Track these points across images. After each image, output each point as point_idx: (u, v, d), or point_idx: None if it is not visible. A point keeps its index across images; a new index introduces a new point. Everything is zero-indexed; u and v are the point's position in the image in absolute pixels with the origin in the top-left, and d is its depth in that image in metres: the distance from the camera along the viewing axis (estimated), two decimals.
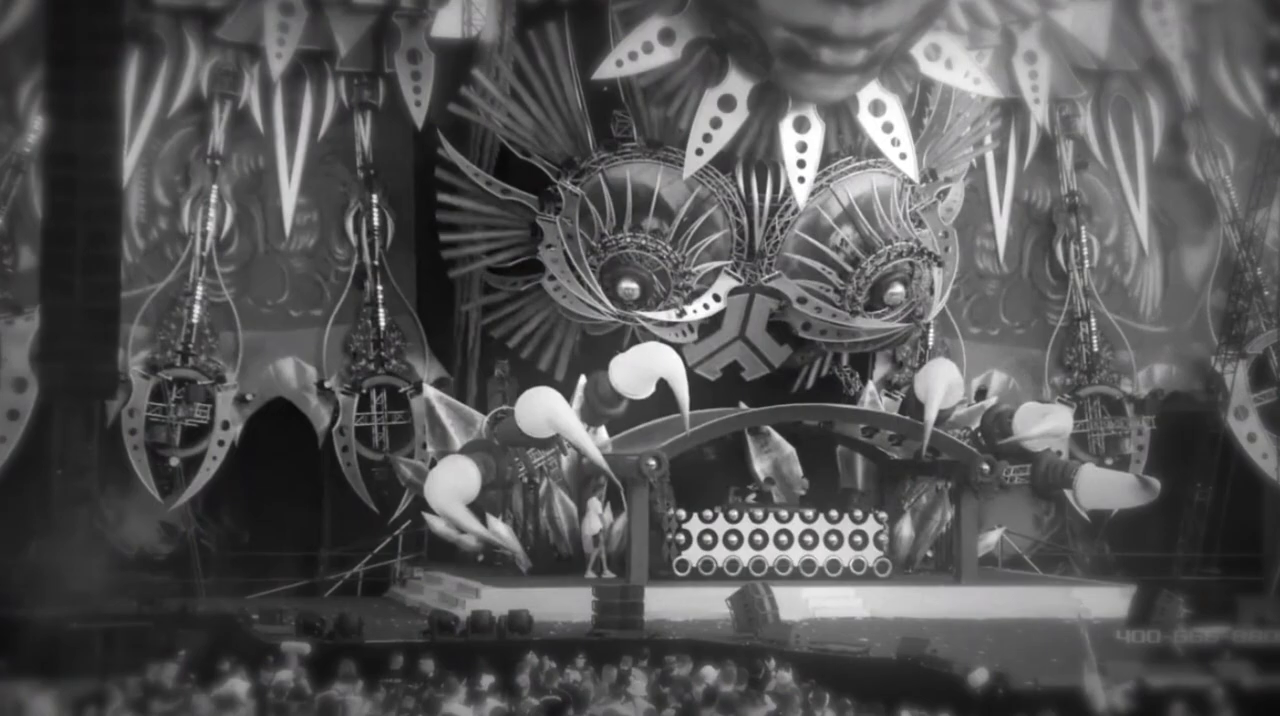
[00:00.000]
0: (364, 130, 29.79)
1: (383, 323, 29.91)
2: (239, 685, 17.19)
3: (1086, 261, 31.78)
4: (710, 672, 18.53)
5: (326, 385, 29.65)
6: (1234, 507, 30.61)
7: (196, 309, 28.76)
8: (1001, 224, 31.58)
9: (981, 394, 30.85)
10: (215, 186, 28.89)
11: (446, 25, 30.46)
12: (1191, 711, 16.13)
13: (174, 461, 28.55)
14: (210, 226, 28.86)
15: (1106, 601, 24.77)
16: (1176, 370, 32.33)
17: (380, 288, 29.94)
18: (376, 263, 29.95)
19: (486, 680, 17.67)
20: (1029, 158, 31.61)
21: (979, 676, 18.12)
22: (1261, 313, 31.69)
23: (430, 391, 29.14)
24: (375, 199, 29.92)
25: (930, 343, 30.74)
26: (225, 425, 28.70)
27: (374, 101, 29.75)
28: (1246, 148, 31.47)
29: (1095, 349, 31.71)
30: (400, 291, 30.32)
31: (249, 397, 29.10)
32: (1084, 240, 31.73)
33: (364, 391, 29.71)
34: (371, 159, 29.88)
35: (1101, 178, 32.12)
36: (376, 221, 29.94)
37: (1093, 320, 31.73)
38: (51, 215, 24.50)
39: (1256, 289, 31.56)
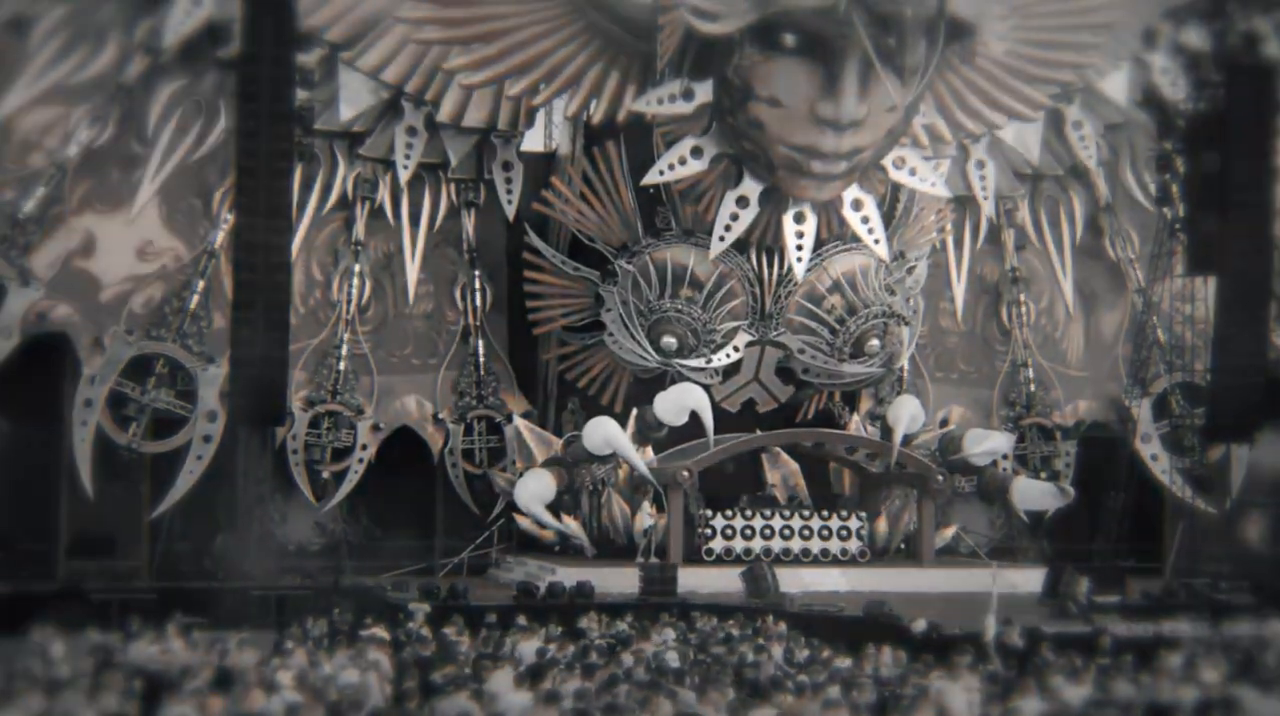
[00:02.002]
0: (468, 222, 29.86)
1: (482, 369, 29.89)
2: (380, 632, 18.00)
3: (1025, 321, 31.93)
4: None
5: (440, 417, 29.54)
6: (1139, 511, 30.27)
7: (342, 359, 28.91)
8: (959, 292, 31.62)
9: (944, 423, 30.67)
10: (357, 266, 29.04)
11: (531, 142, 30.79)
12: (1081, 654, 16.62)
13: (325, 474, 28.55)
14: (353, 295, 29.04)
15: (1032, 579, 25.07)
16: (1096, 405, 32.28)
17: (480, 342, 29.92)
18: (478, 323, 29.93)
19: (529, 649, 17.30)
20: (980, 241, 31.67)
21: (919, 625, 19.27)
22: (1160, 361, 31.46)
23: (519, 421, 29.20)
24: (477, 275, 29.94)
25: (903, 383, 30.51)
26: (364, 447, 28.71)
27: (476, 200, 29.79)
28: (1147, 234, 31.16)
29: (1032, 389, 31.83)
30: (496, 345, 30.20)
31: (381, 426, 29.04)
32: (1023, 305, 31.89)
33: (468, 421, 29.59)
34: (474, 244, 29.95)
35: (1037, 257, 32.13)
36: (478, 292, 29.99)
37: (1030, 367, 31.85)
38: (238, 288, 24.95)
39: (1156, 343, 31.38)
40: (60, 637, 17.09)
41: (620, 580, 24.53)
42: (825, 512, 27.98)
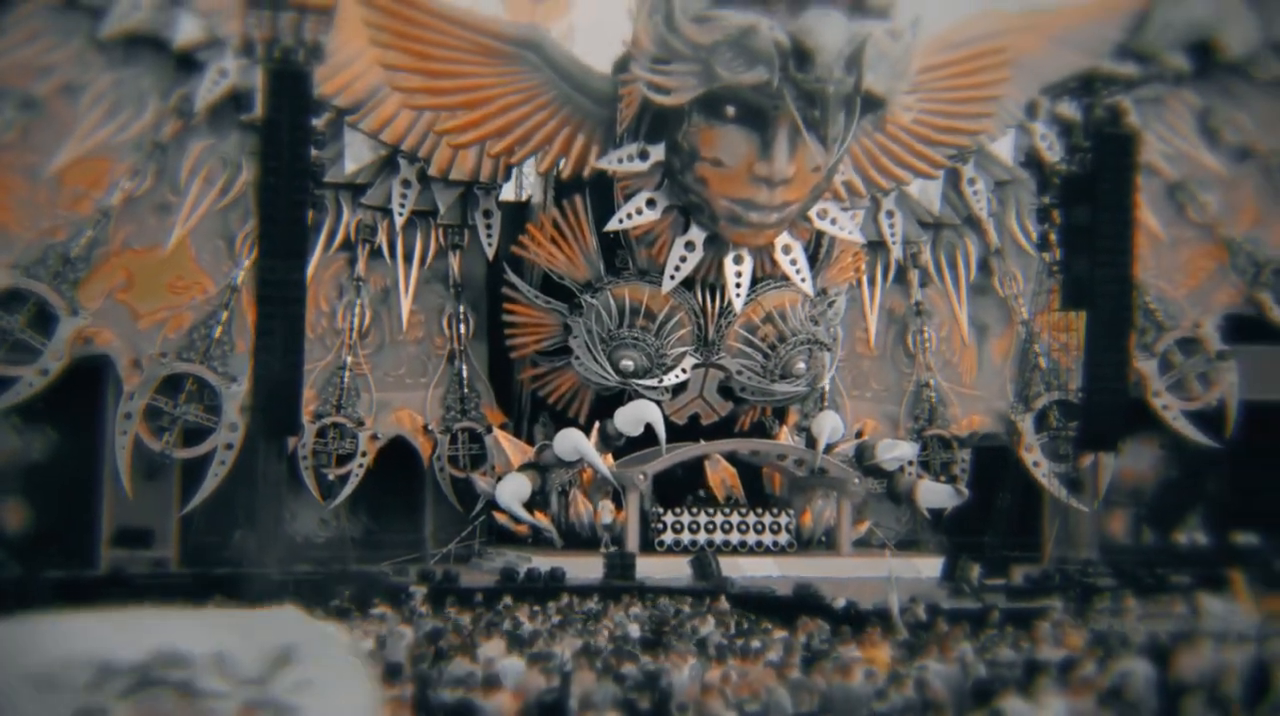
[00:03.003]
0: (454, 261, 29.87)
1: (466, 387, 29.84)
2: (388, 611, 18.47)
3: (927, 347, 32.02)
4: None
5: (429, 428, 29.48)
6: (1022, 508, 30.14)
7: (346, 378, 28.91)
8: (872, 322, 31.63)
9: (859, 434, 30.62)
10: (359, 298, 29.01)
11: (508, 193, 31.37)
12: (975, 627, 17.09)
13: (331, 477, 28.51)
14: (355, 323, 29.01)
15: (933, 565, 25.85)
16: (987, 419, 32.34)
17: (464, 365, 29.89)
18: (462, 348, 29.90)
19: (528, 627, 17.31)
20: (889, 279, 31.72)
21: (839, 603, 20.09)
22: (1041, 382, 31.78)
23: (497, 432, 29.28)
24: (461, 307, 29.95)
25: (825, 400, 30.59)
26: (364, 454, 28.64)
27: (461, 243, 29.82)
28: (1030, 275, 31.09)
29: (934, 405, 31.91)
30: (477, 367, 30.17)
31: (379, 436, 28.94)
32: (926, 334, 31.94)
33: (453, 432, 29.54)
34: (459, 280, 29.93)
35: (937, 293, 32.14)
36: (462, 321, 29.99)
37: (932, 386, 31.94)
38: (260, 318, 24.39)
39: (1037, 367, 31.76)
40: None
41: (586, 566, 24.62)
42: (759, 510, 28.23)
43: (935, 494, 29.76)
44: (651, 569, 24.68)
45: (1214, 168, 32.59)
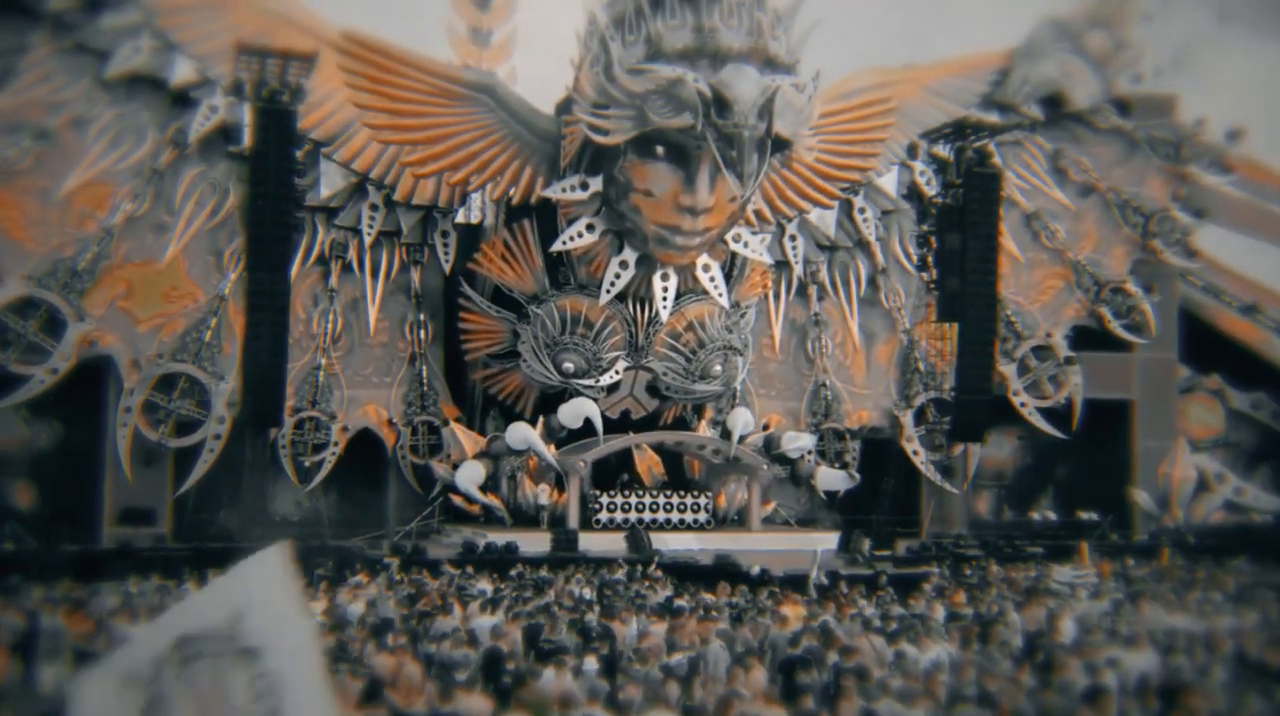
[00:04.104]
0: (416, 276, 29.66)
1: (425, 385, 29.64)
2: (363, 579, 18.61)
3: (824, 352, 32.11)
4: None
5: (393, 421, 29.33)
6: (905, 491, 31.20)
7: (320, 377, 28.79)
8: (777, 331, 31.70)
9: (766, 427, 30.41)
10: (331, 307, 28.90)
11: (463, 216, 30.90)
12: (867, 590, 17.74)
13: (306, 463, 28.45)
14: (329, 329, 28.89)
15: (829, 540, 25.67)
16: (874, 414, 32.48)
17: (424, 366, 29.71)
18: (422, 351, 29.72)
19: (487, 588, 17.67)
20: (792, 294, 31.78)
21: (755, 570, 20.39)
22: (920, 383, 32.19)
23: (453, 424, 29.11)
24: (422, 315, 29.79)
25: (737, 398, 30.46)
26: (335, 443, 28.60)
27: (421, 259, 29.62)
28: (910, 291, 32.00)
29: (829, 402, 32.04)
30: (435, 368, 29.93)
31: (348, 428, 28.83)
32: (823, 341, 32.04)
33: (414, 424, 29.38)
34: (420, 292, 29.74)
35: (832, 306, 32.21)
36: (422, 328, 29.80)
37: (828, 386, 32.06)
38: (249, 324, 24.83)
39: (917, 370, 32.22)
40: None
41: (534, 542, 24.72)
42: (681, 492, 28.45)
43: (831, 478, 29.81)
44: (591, 543, 24.77)
45: (1062, 201, 33.41)
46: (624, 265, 26.91)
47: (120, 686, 4.45)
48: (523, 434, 27.18)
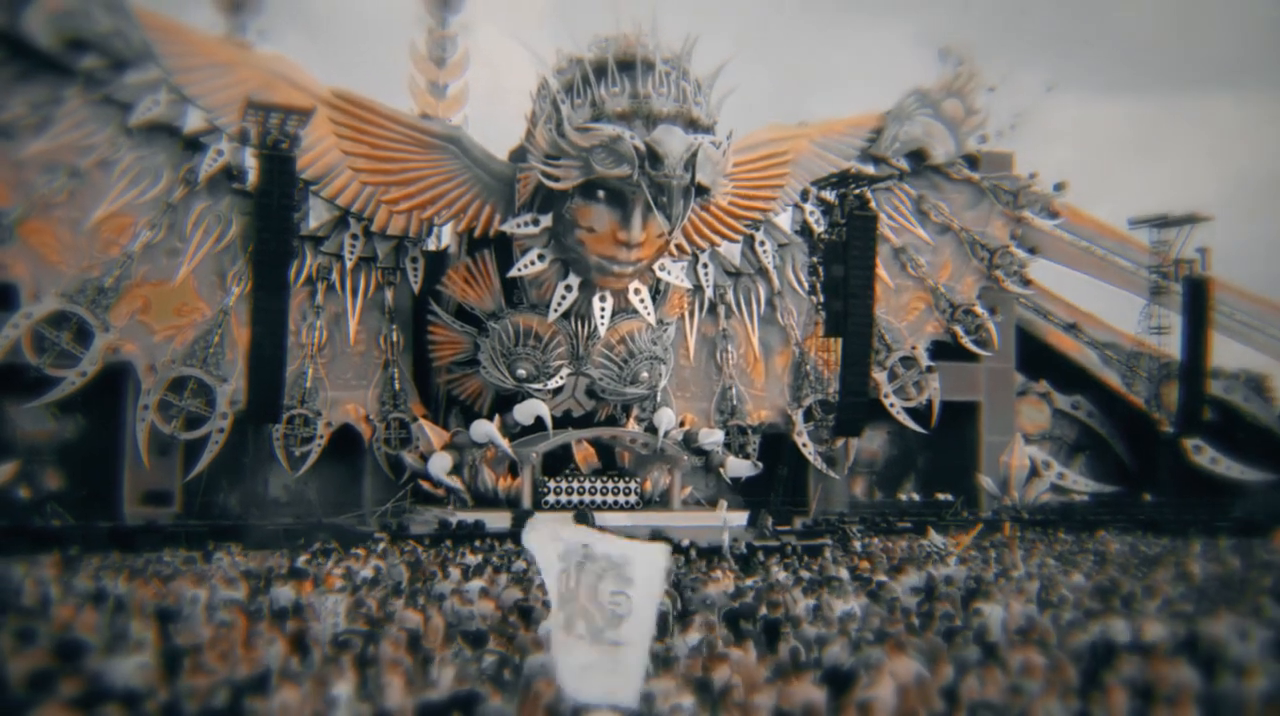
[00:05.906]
0: (389, 295, 29.54)
1: (397, 387, 29.55)
2: (360, 551, 18.81)
3: (730, 361, 32.26)
4: None
5: (369, 418, 29.24)
6: (796, 477, 31.75)
7: (308, 380, 28.75)
8: (692, 343, 31.69)
9: (683, 423, 30.19)
10: (318, 321, 28.78)
11: (431, 244, 30.79)
12: (782, 559, 18.34)
13: (296, 453, 28.34)
14: (315, 339, 28.77)
15: (738, 517, 25.86)
16: (771, 413, 32.71)
17: (396, 371, 29.59)
18: (394, 359, 29.60)
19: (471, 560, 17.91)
20: (704, 312, 31.85)
21: (684, 543, 20.27)
22: (809, 387, 32.56)
23: (422, 421, 28.90)
24: (395, 327, 29.65)
25: (659, 400, 30.04)
26: (321, 437, 28.59)
27: (395, 281, 29.42)
28: (801, 310, 32.42)
29: (735, 403, 32.25)
30: (406, 373, 29.81)
31: (331, 423, 28.76)
32: (729, 352, 32.21)
33: (388, 421, 29.35)
34: (393, 309, 29.60)
35: (737, 323, 32.41)
36: (395, 338, 29.64)
37: (733, 389, 32.28)
38: (253, 336, 25.23)
39: (807, 376, 32.57)
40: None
41: (495, 520, 24.88)
42: (614, 478, 28.54)
43: (738, 467, 30.17)
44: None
45: (924, 238, 34.29)
46: (569, 288, 27.06)
47: (551, 539, 6.42)
48: (485, 429, 27.27)
